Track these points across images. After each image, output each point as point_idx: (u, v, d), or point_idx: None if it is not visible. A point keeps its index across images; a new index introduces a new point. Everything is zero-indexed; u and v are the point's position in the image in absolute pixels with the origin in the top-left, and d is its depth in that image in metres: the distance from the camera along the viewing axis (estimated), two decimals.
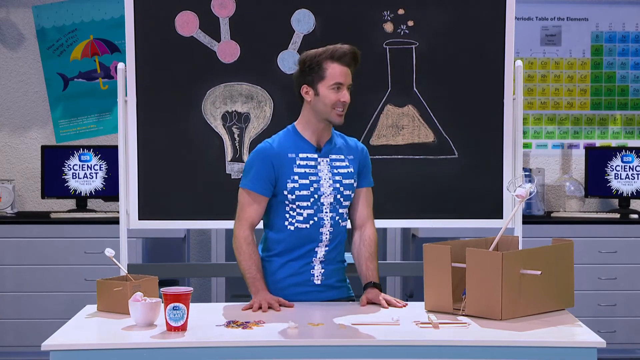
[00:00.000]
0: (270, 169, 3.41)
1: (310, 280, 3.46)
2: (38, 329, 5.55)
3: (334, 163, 3.45)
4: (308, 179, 3.41)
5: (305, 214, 3.42)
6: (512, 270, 3.07)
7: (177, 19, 4.26)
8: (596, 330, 3.41)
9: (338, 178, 3.44)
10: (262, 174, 3.41)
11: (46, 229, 5.71)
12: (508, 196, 4.24)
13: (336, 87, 3.34)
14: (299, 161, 3.42)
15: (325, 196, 3.42)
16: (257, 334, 2.94)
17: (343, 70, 3.35)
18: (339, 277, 3.52)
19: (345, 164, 3.47)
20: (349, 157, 3.48)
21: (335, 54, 3.35)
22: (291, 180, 3.41)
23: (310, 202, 3.41)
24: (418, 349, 2.86)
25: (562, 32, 6.31)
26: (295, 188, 3.41)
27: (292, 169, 3.41)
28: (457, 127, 4.30)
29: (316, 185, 3.41)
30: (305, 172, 3.42)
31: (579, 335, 2.96)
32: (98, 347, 2.87)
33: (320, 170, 3.43)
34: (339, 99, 3.35)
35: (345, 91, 3.36)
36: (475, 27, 4.27)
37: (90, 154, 5.97)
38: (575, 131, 6.36)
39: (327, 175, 3.43)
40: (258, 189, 3.42)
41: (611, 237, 5.78)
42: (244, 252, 3.43)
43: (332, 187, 3.43)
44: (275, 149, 3.43)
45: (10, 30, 6.18)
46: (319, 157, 3.43)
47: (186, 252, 6.11)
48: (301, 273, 3.45)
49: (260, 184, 3.41)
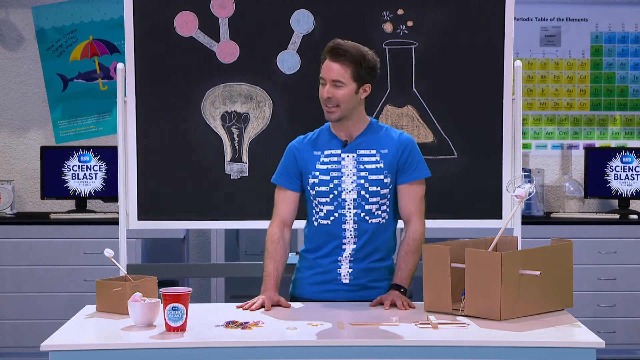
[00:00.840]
0: (294, 163, 3.43)
1: (337, 280, 3.42)
2: (37, 330, 5.55)
3: (361, 158, 3.39)
4: (329, 174, 3.39)
5: (325, 210, 3.40)
6: (511, 271, 3.07)
7: (177, 20, 4.26)
8: (595, 331, 3.41)
9: (363, 174, 3.38)
10: (287, 168, 3.45)
11: (46, 230, 5.71)
12: (507, 196, 4.24)
13: (322, 81, 3.33)
14: (323, 157, 3.41)
15: (346, 192, 3.38)
16: (256, 334, 2.94)
17: (327, 66, 3.31)
18: (374, 277, 3.43)
19: (375, 159, 3.39)
20: (382, 152, 3.40)
21: (328, 47, 3.34)
22: (312, 176, 3.41)
23: (330, 198, 3.39)
24: (417, 349, 2.86)
25: (561, 33, 6.31)
26: (316, 184, 3.40)
27: (315, 165, 3.40)
28: (456, 127, 4.30)
29: (337, 181, 3.38)
30: (328, 169, 3.40)
31: (578, 335, 2.96)
32: (97, 347, 2.87)
33: (345, 165, 3.39)
34: (321, 94, 3.34)
35: (327, 87, 3.31)
36: (474, 27, 4.27)
37: (90, 155, 5.97)
38: (574, 132, 6.36)
39: (352, 171, 3.39)
40: (283, 182, 3.46)
41: (610, 238, 5.78)
42: (266, 250, 3.46)
43: (355, 183, 3.37)
44: (302, 144, 3.45)
45: (10, 31, 6.18)
46: (342, 152, 3.40)
47: (185, 252, 6.11)
48: (329, 271, 3.43)
49: (285, 177, 3.45)
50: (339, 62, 3.30)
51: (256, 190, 4.26)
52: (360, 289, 3.42)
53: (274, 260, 3.42)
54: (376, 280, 3.44)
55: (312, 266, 3.45)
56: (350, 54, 3.31)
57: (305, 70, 4.25)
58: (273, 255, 3.43)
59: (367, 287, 3.43)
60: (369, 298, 3.40)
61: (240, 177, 4.30)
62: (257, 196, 4.24)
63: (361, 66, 3.32)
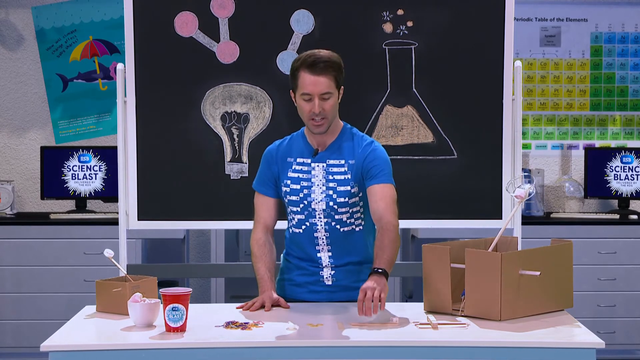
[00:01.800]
0: (269, 170, 3.43)
1: (320, 281, 3.42)
2: (37, 330, 5.55)
3: (330, 169, 3.36)
4: (300, 184, 3.38)
5: (296, 219, 3.40)
6: (511, 271, 3.07)
7: (177, 20, 4.26)
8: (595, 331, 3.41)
9: (332, 185, 3.36)
10: (264, 175, 3.45)
11: (45, 230, 5.71)
12: (507, 197, 4.23)
13: (306, 97, 3.26)
14: (294, 165, 3.40)
15: (316, 202, 3.36)
16: (256, 334, 2.94)
17: (312, 80, 3.23)
18: (356, 277, 3.41)
19: (343, 169, 3.36)
20: (350, 162, 3.36)
21: (306, 61, 3.24)
22: (284, 185, 3.40)
23: (300, 207, 3.38)
24: (417, 350, 2.86)
25: (561, 33, 6.31)
26: (287, 192, 3.39)
27: (287, 173, 3.39)
28: (456, 127, 4.30)
29: (307, 191, 3.36)
30: (298, 177, 3.38)
31: (578, 336, 2.96)
32: (97, 347, 2.87)
33: (314, 175, 3.37)
34: (310, 110, 3.26)
35: (316, 101, 3.23)
36: (474, 27, 4.27)
37: (90, 155, 5.96)
38: (574, 132, 6.36)
39: (321, 182, 3.36)
40: (262, 189, 3.45)
41: (610, 238, 5.78)
42: (254, 255, 3.43)
43: (324, 194, 3.35)
44: (276, 151, 3.43)
45: (10, 31, 6.18)
46: (312, 162, 3.38)
47: (185, 252, 6.10)
48: (312, 273, 3.42)
49: (264, 184, 3.44)
50: (324, 74, 3.24)
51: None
52: (342, 289, 3.42)
53: (264, 262, 3.40)
54: (360, 280, 3.34)
55: (295, 268, 3.46)
56: (332, 62, 3.25)
57: None
58: (262, 258, 3.41)
59: (350, 288, 3.40)
60: (353, 299, 3.27)
61: (240, 178, 4.30)
62: None
63: (341, 72, 3.29)
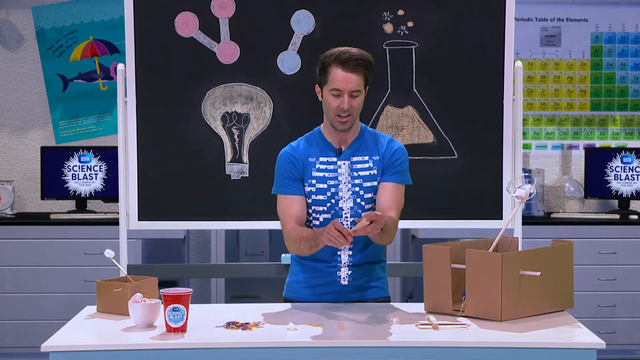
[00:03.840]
0: (294, 168, 3.37)
1: (337, 282, 3.40)
2: (37, 330, 5.55)
3: (355, 165, 3.37)
4: (326, 183, 3.36)
5: (321, 218, 3.38)
6: (511, 271, 3.07)
7: (177, 20, 4.27)
8: (596, 331, 3.41)
9: (358, 181, 3.36)
10: (288, 175, 3.37)
11: (46, 230, 5.71)
12: (508, 197, 4.24)
13: (336, 92, 3.27)
14: (318, 165, 3.37)
15: (343, 200, 3.36)
16: (256, 335, 2.94)
17: (344, 77, 3.25)
18: (371, 276, 3.43)
19: (368, 165, 3.37)
20: (374, 158, 3.38)
21: (339, 57, 3.26)
22: (309, 185, 3.37)
23: (327, 206, 3.36)
24: (417, 350, 2.86)
25: (561, 33, 6.31)
26: (312, 192, 3.37)
27: (311, 173, 3.37)
28: (456, 127, 4.30)
29: (334, 190, 3.36)
30: (324, 177, 3.37)
31: (578, 336, 2.96)
32: (98, 348, 2.87)
33: (341, 174, 3.36)
34: (338, 105, 3.27)
35: (345, 97, 3.25)
36: (474, 28, 4.27)
37: (90, 155, 5.97)
38: (575, 132, 6.36)
39: (347, 179, 3.36)
40: (288, 190, 3.37)
41: (611, 238, 5.78)
42: (295, 236, 3.31)
43: (350, 192, 3.36)
44: (296, 152, 3.39)
45: (10, 31, 6.18)
46: (338, 160, 3.37)
47: (186, 253, 6.11)
48: (328, 274, 3.40)
49: (289, 185, 3.37)
50: (356, 72, 3.25)
51: (256, 190, 4.25)
52: (358, 289, 3.42)
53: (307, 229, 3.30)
54: (373, 279, 3.45)
55: (308, 270, 3.43)
56: (365, 61, 3.27)
57: (305, 70, 4.24)
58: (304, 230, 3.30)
59: (366, 288, 3.43)
60: (366, 298, 3.41)
61: (241, 178, 4.31)
62: (258, 197, 4.24)
63: (371, 71, 3.31)
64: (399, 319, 3.09)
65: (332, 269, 3.40)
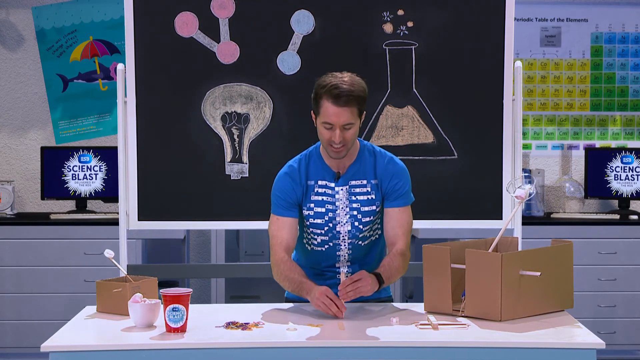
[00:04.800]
0: (292, 193, 3.34)
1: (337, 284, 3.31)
2: (37, 330, 5.55)
3: (353, 189, 3.34)
4: (324, 207, 3.35)
5: (319, 240, 3.38)
6: (511, 271, 3.07)
7: (177, 20, 4.26)
8: (596, 332, 3.41)
9: (356, 205, 3.34)
10: (287, 197, 3.34)
11: (46, 230, 5.71)
12: (507, 197, 4.24)
13: (328, 126, 3.21)
14: (317, 188, 3.35)
15: (341, 225, 3.35)
16: (256, 335, 2.94)
17: (336, 112, 3.17)
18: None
19: (366, 189, 3.35)
20: (373, 182, 3.36)
21: (330, 92, 3.17)
22: (307, 208, 3.36)
23: (325, 230, 3.36)
24: (417, 350, 2.86)
25: (561, 33, 6.31)
26: (310, 216, 3.36)
27: (310, 197, 3.35)
28: (456, 128, 4.30)
29: (332, 214, 3.35)
30: (323, 200, 3.35)
31: (578, 336, 2.96)
32: (97, 348, 2.87)
33: (338, 199, 3.34)
34: (330, 137, 3.22)
35: (337, 132, 3.18)
36: (474, 28, 4.27)
37: (90, 155, 5.96)
38: (575, 132, 6.36)
39: (345, 204, 3.34)
40: (285, 212, 3.34)
41: (611, 238, 5.78)
42: (282, 271, 3.29)
43: (348, 215, 3.34)
44: (296, 174, 3.35)
45: (10, 31, 6.18)
46: (336, 186, 3.34)
47: (186, 253, 6.11)
48: (327, 278, 3.40)
49: (286, 207, 3.34)
50: (348, 106, 3.18)
51: (256, 190, 4.25)
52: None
53: (297, 272, 3.28)
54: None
55: (308, 273, 3.40)
56: (356, 94, 3.19)
57: (305, 70, 4.24)
58: (292, 269, 3.29)
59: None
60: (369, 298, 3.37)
61: (241, 178, 4.31)
62: (258, 197, 4.23)
63: (364, 102, 3.24)
64: (399, 319, 3.09)
65: (332, 273, 3.42)
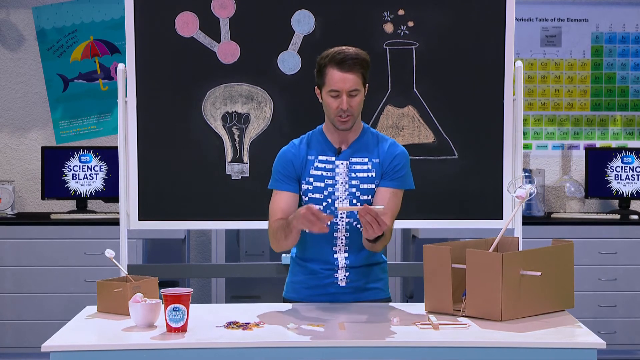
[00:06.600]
0: (291, 167, 3.36)
1: (334, 283, 3.38)
2: (38, 330, 5.55)
3: (353, 166, 3.35)
4: (323, 181, 3.35)
5: None
6: (512, 271, 3.07)
7: (177, 20, 4.27)
8: (596, 331, 3.41)
9: (355, 182, 3.35)
10: (285, 171, 3.36)
11: (46, 230, 5.71)
12: (508, 197, 4.24)
13: (334, 93, 3.26)
14: (317, 163, 3.37)
15: (340, 200, 3.34)
16: (257, 335, 2.94)
17: (341, 77, 3.23)
18: (370, 278, 3.42)
19: (367, 167, 3.36)
20: (374, 160, 3.37)
21: (335, 58, 3.24)
22: (306, 182, 3.37)
23: (323, 205, 3.35)
24: (418, 350, 2.86)
25: (562, 33, 6.31)
26: (309, 190, 3.36)
27: (309, 171, 3.36)
28: (457, 127, 4.30)
29: (331, 189, 3.35)
30: (322, 175, 3.36)
31: (579, 336, 2.96)
32: (98, 348, 2.87)
33: (338, 173, 3.35)
34: (337, 106, 3.26)
35: (344, 97, 3.23)
36: (475, 28, 4.27)
37: (91, 155, 5.97)
38: (575, 132, 6.36)
39: (344, 179, 3.35)
40: (283, 186, 3.35)
41: (611, 238, 5.78)
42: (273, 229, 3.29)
43: (347, 192, 3.34)
44: (297, 149, 3.38)
45: (10, 31, 6.18)
46: (337, 160, 3.36)
47: (186, 253, 6.11)
48: (325, 277, 3.39)
49: (284, 181, 3.36)
50: (353, 71, 3.23)
51: (257, 190, 4.25)
52: (357, 291, 3.41)
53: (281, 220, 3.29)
54: (372, 280, 3.43)
55: (307, 272, 3.42)
56: (361, 60, 3.25)
57: (306, 70, 4.24)
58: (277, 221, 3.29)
59: (365, 289, 3.42)
60: (366, 299, 3.40)
61: (241, 178, 4.31)
62: (258, 197, 4.23)
63: (368, 69, 3.29)
64: (399, 319, 3.09)
65: (329, 272, 3.40)
